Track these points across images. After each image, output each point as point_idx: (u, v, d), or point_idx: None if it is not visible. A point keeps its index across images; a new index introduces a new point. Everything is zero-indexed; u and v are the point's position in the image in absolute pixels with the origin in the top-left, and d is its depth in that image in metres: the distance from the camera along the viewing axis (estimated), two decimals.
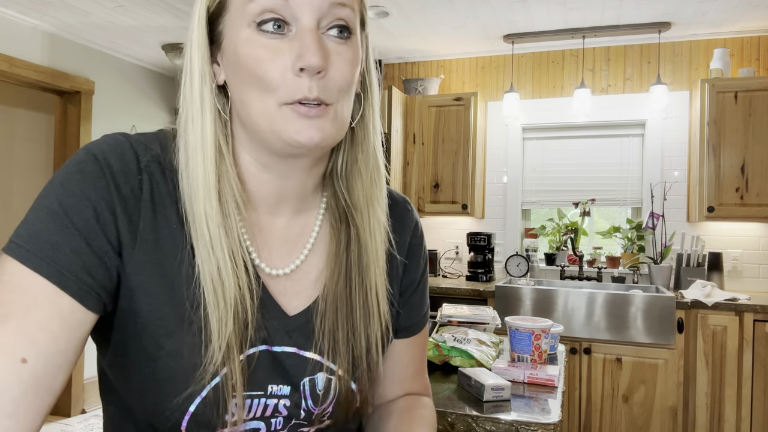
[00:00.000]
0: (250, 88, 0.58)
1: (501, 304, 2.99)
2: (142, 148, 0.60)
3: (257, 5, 0.56)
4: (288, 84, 0.56)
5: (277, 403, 0.63)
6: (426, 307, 0.80)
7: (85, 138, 3.55)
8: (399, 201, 0.78)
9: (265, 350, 0.62)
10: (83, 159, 0.57)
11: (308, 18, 0.56)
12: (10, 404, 0.48)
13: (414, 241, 0.76)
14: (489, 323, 1.58)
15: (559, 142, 3.61)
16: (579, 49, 3.53)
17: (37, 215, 0.54)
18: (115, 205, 0.56)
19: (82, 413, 3.54)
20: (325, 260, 0.68)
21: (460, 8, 2.99)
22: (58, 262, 0.52)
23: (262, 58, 0.56)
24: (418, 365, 0.80)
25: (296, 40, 0.56)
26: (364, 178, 0.67)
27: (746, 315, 2.70)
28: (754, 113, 2.96)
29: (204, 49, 0.60)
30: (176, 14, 3.05)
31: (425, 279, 0.79)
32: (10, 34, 3.10)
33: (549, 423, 1.01)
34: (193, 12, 0.61)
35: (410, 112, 3.58)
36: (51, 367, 0.51)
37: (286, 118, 0.57)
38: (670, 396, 2.77)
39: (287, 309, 0.65)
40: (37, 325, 0.50)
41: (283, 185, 0.65)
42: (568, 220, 3.51)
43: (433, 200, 3.53)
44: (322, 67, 0.56)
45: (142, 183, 0.59)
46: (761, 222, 3.10)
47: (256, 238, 0.65)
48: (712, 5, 2.89)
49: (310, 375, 0.64)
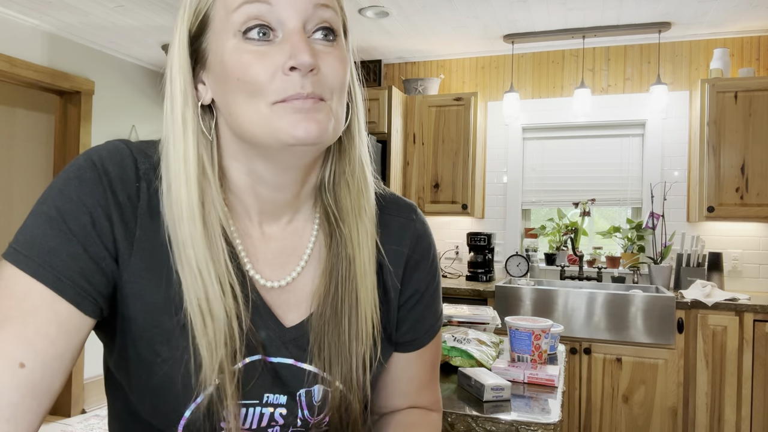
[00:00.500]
0: (238, 96, 0.57)
1: (501, 304, 2.99)
2: (141, 156, 0.60)
3: (241, 14, 0.56)
4: (278, 83, 0.56)
5: (273, 412, 0.63)
6: (433, 321, 0.76)
7: (85, 138, 3.55)
8: (403, 209, 0.75)
9: (261, 360, 0.62)
10: (82, 165, 0.57)
11: (294, 20, 0.56)
12: (8, 408, 0.49)
13: (415, 255, 0.73)
14: (489, 323, 1.59)
15: (559, 142, 3.61)
16: (579, 49, 3.53)
17: (35, 221, 0.54)
18: (112, 212, 0.56)
19: (82, 413, 3.53)
20: (320, 273, 0.67)
21: (460, 8, 2.99)
22: (55, 267, 0.53)
23: (249, 62, 0.56)
24: (424, 379, 0.77)
25: (284, 43, 0.56)
26: (351, 189, 0.67)
27: (746, 315, 2.70)
28: (754, 113, 2.96)
29: (186, 70, 0.59)
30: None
31: (432, 293, 0.75)
32: (10, 34, 3.10)
33: (549, 423, 1.01)
34: (173, 35, 0.60)
35: (410, 112, 3.58)
36: (48, 371, 0.51)
37: (280, 115, 0.56)
38: (670, 396, 2.77)
39: (283, 320, 0.65)
40: (35, 330, 0.51)
41: (276, 197, 0.64)
42: (568, 220, 3.51)
43: (433, 200, 3.53)
44: (314, 65, 0.55)
45: (140, 191, 0.59)
46: (761, 222, 3.10)
47: (251, 249, 0.65)
48: (712, 5, 2.89)
49: (308, 386, 0.64)
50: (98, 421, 3.41)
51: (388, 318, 0.71)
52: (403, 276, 0.72)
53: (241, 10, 0.56)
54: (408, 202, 0.77)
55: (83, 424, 3.34)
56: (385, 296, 0.71)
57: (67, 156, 3.55)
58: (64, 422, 3.37)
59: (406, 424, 0.74)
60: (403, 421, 0.74)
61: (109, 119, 3.76)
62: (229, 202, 0.64)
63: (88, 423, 3.37)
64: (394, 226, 0.72)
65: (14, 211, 4.14)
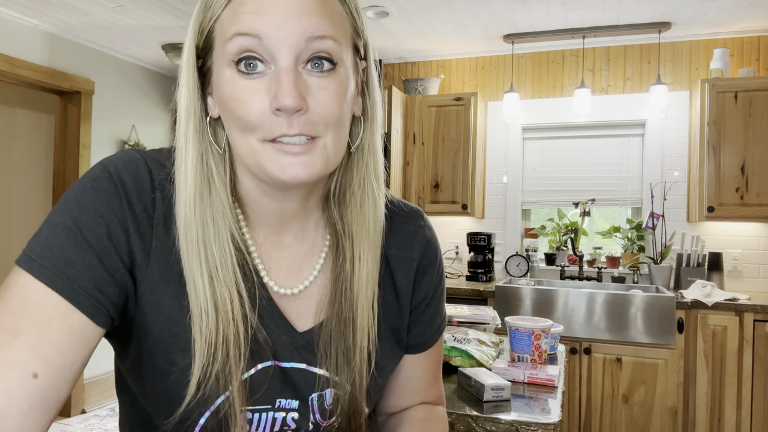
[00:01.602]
0: (233, 126, 0.58)
1: (501, 304, 2.99)
2: (156, 166, 0.61)
3: (234, 45, 0.56)
4: (266, 123, 0.56)
5: (285, 416, 0.64)
6: (440, 322, 0.79)
7: (84, 138, 3.55)
8: (411, 216, 0.76)
9: (273, 366, 0.63)
10: (98, 176, 0.57)
11: (285, 57, 0.55)
12: (18, 418, 0.49)
13: (425, 261, 0.75)
14: (489, 323, 1.58)
15: (559, 142, 3.61)
16: (579, 49, 3.53)
17: (52, 230, 0.55)
18: (128, 223, 0.57)
19: (82, 413, 3.53)
20: (328, 281, 0.68)
21: (460, 8, 2.99)
22: (70, 277, 0.53)
23: (241, 99, 0.56)
24: (432, 376, 0.80)
25: (273, 80, 0.56)
26: (357, 202, 0.67)
27: (746, 315, 2.70)
28: (754, 113, 2.96)
29: (192, 86, 0.60)
30: (176, 14, 3.05)
31: (439, 295, 0.77)
32: (10, 34, 3.10)
33: (549, 423, 1.01)
34: (184, 46, 0.61)
35: (410, 112, 3.58)
36: (59, 381, 0.52)
37: (268, 155, 0.57)
38: (670, 396, 2.77)
39: (296, 326, 0.66)
40: (49, 340, 0.51)
41: (284, 207, 0.65)
42: (568, 220, 3.51)
43: (433, 200, 3.53)
44: (299, 107, 0.55)
45: (155, 201, 0.60)
46: (761, 222, 3.10)
47: (265, 257, 0.66)
48: (712, 5, 2.89)
49: (319, 391, 0.65)
50: (98, 421, 3.41)
51: (401, 323, 0.73)
52: (414, 282, 0.74)
53: (234, 41, 0.55)
54: (415, 208, 0.78)
55: (83, 424, 3.34)
56: (398, 302, 0.72)
57: (67, 156, 3.55)
58: (64, 422, 3.37)
59: (420, 419, 0.76)
60: (417, 417, 0.77)
61: (109, 119, 3.76)
62: (245, 212, 0.65)
63: (88, 423, 3.37)
64: (404, 233, 0.74)
65: (14, 211, 4.14)
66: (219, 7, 0.57)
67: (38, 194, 4.18)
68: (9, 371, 0.49)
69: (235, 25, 0.55)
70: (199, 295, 0.58)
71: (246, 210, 0.65)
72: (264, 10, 0.55)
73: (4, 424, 0.48)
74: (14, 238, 4.12)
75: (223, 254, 0.59)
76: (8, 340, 0.50)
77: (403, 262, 0.73)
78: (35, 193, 4.18)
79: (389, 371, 0.74)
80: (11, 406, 0.48)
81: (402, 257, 0.73)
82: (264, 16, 0.55)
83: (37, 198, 4.18)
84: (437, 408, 0.80)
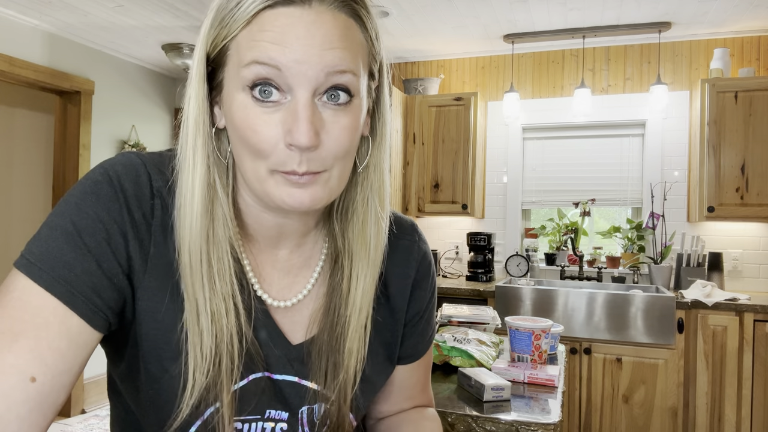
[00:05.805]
0: (243, 151, 0.57)
1: (501, 304, 2.99)
2: (155, 172, 0.60)
3: (251, 72, 0.54)
4: (279, 154, 0.55)
5: (274, 426, 0.64)
6: (431, 331, 0.80)
7: (84, 138, 3.55)
8: (406, 230, 0.76)
9: (265, 377, 0.63)
10: (98, 180, 0.57)
11: (303, 90, 0.54)
12: (16, 422, 0.49)
13: (419, 276, 0.75)
14: (489, 323, 1.58)
15: (559, 142, 3.61)
16: (579, 49, 3.53)
17: (51, 234, 0.54)
18: (127, 229, 0.57)
19: (82, 413, 3.53)
20: (323, 294, 0.69)
21: (460, 8, 2.99)
22: (69, 282, 0.53)
23: (254, 127, 0.55)
24: (423, 382, 0.82)
25: (289, 112, 0.55)
26: (359, 220, 0.67)
27: (746, 315, 2.69)
28: (754, 113, 2.96)
29: (202, 98, 0.58)
30: (176, 14, 3.05)
31: (431, 307, 0.79)
32: (10, 34, 3.10)
33: (549, 423, 1.01)
34: (194, 53, 0.60)
35: (410, 112, 3.58)
36: (57, 385, 0.52)
37: (276, 183, 0.57)
38: (670, 396, 2.77)
39: (290, 338, 0.66)
40: (47, 344, 0.51)
41: (283, 223, 0.65)
42: (568, 220, 3.51)
43: (433, 200, 3.53)
44: (312, 145, 0.54)
45: (154, 208, 0.59)
46: (761, 222, 3.10)
47: (259, 270, 0.66)
48: (712, 5, 2.89)
49: (309, 404, 0.66)
50: (98, 421, 3.41)
51: (394, 338, 0.74)
52: (409, 297, 0.75)
53: (251, 68, 0.54)
54: (409, 220, 0.78)
55: (83, 424, 3.34)
56: (392, 317, 0.73)
57: (66, 156, 3.55)
58: (63, 422, 3.37)
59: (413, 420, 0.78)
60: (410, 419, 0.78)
61: (109, 119, 3.76)
62: (242, 223, 0.65)
63: (87, 423, 3.37)
64: (400, 248, 0.74)
65: (14, 211, 4.14)
66: (236, 27, 0.55)
67: (38, 194, 4.18)
68: (7, 375, 0.49)
69: (254, 52, 0.54)
70: (195, 305, 0.58)
71: (244, 222, 0.65)
72: (285, 42, 0.53)
73: (3, 427, 0.48)
74: (14, 238, 4.12)
75: (222, 266, 0.59)
76: (7, 344, 0.50)
77: (399, 279, 0.73)
78: (35, 193, 4.18)
79: (380, 385, 0.74)
80: (9, 409, 0.49)
81: (398, 274, 0.73)
82: (285, 48, 0.53)
83: (37, 198, 4.18)
84: (429, 410, 0.82)
